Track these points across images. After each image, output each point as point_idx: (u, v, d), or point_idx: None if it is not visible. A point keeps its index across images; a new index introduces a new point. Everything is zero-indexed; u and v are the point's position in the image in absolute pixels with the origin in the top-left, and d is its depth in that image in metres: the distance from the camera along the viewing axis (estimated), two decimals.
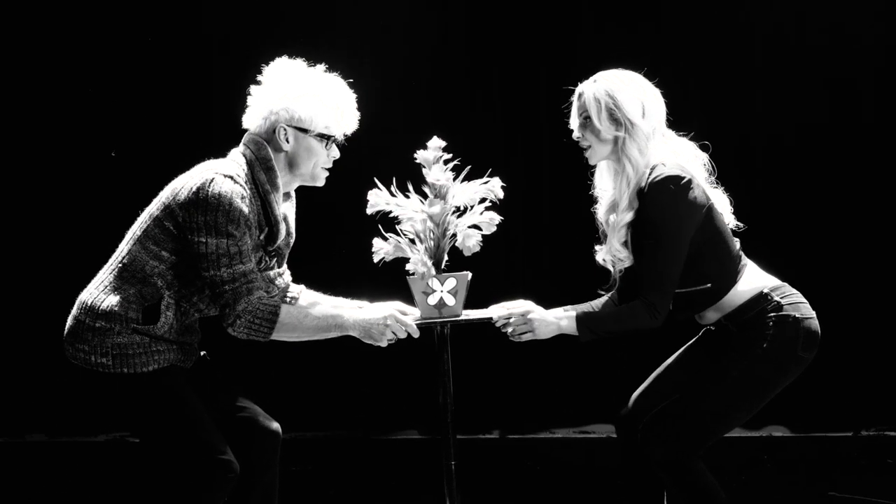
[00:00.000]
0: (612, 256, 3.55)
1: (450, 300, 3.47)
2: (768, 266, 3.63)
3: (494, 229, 3.52)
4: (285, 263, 3.57)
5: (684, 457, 3.45)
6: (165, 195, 3.34)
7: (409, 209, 3.50)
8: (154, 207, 3.35)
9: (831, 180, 5.43)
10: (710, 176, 3.57)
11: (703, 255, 3.46)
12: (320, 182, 3.49)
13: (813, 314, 3.50)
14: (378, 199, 3.52)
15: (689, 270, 3.45)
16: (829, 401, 5.46)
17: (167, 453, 3.30)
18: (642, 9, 5.49)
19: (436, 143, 3.51)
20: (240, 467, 3.32)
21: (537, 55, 5.56)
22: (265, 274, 3.44)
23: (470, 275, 3.50)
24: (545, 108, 5.49)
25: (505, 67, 5.60)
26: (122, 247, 3.36)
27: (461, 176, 3.51)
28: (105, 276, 3.35)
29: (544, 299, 3.64)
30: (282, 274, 3.54)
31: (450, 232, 3.50)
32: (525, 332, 3.50)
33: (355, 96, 3.46)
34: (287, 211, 3.51)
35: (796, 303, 3.48)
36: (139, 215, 3.39)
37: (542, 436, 5.63)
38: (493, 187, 3.52)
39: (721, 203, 3.58)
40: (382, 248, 3.52)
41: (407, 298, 3.54)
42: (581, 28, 5.53)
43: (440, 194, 3.49)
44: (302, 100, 3.38)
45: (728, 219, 3.59)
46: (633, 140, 3.48)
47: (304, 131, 3.40)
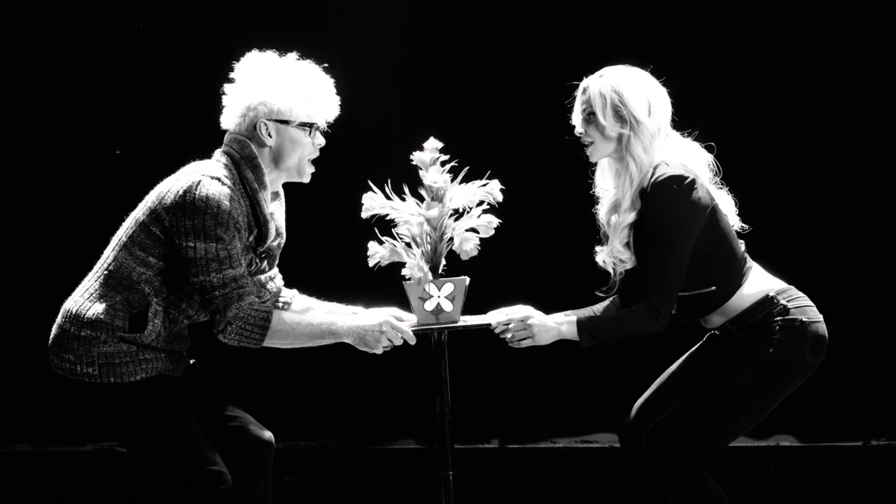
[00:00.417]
0: (614, 258, 3.55)
1: (447, 306, 3.47)
2: (774, 269, 3.63)
3: (493, 233, 3.52)
4: (276, 267, 3.57)
5: (690, 466, 3.44)
6: (151, 199, 3.33)
7: (406, 212, 3.50)
8: (140, 212, 3.34)
9: (838, 180, 5.43)
10: (715, 177, 3.57)
11: (708, 258, 3.46)
12: (306, 177, 3.48)
13: (820, 318, 3.49)
14: (373, 203, 3.51)
15: (693, 273, 3.45)
16: (839, 409, 5.45)
17: (156, 465, 3.29)
18: (644, 5, 5.49)
19: (432, 144, 3.50)
20: (232, 478, 3.31)
21: (538, 52, 5.56)
22: (256, 278, 3.44)
23: (468, 279, 3.50)
24: (546, 108, 5.49)
25: (504, 65, 5.60)
26: (108, 253, 3.36)
27: (459, 178, 3.50)
28: (90, 284, 3.34)
29: (544, 304, 3.64)
30: (273, 278, 3.53)
31: (447, 235, 3.49)
32: (525, 339, 3.49)
33: (332, 81, 3.45)
34: (276, 210, 3.50)
35: (803, 306, 3.48)
36: (125, 220, 3.38)
37: (543, 445, 5.62)
38: (492, 189, 3.51)
39: (726, 204, 3.57)
40: (378, 253, 3.52)
41: (403, 304, 3.53)
42: (584, 25, 5.52)
43: (437, 197, 3.48)
44: (278, 91, 3.37)
45: (733, 220, 3.59)
46: (638, 138, 3.47)
47: (286, 123, 3.39)
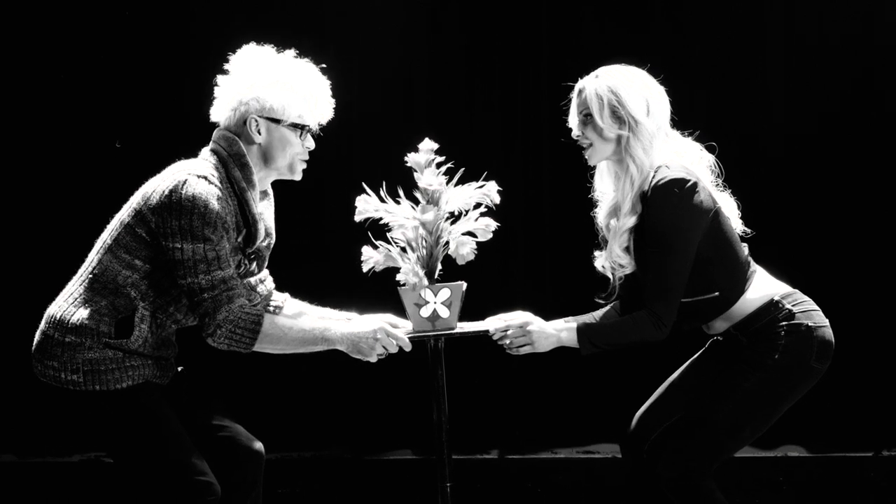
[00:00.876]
0: (613, 263, 3.55)
1: (444, 312, 3.47)
2: (779, 272, 3.63)
3: (490, 236, 3.52)
4: (266, 269, 3.56)
5: (694, 476, 3.45)
6: (136, 200, 3.33)
7: (400, 216, 3.50)
8: (125, 213, 3.34)
9: (844, 181, 5.42)
10: (717, 178, 3.58)
11: (711, 263, 3.46)
12: (297, 175, 3.48)
13: (826, 322, 3.50)
14: (367, 206, 3.51)
15: (696, 279, 3.45)
16: (848, 418, 5.45)
17: (143, 475, 3.28)
18: (645, 5, 5.49)
19: (428, 146, 3.51)
20: (221, 490, 3.30)
21: (538, 52, 5.56)
22: (246, 280, 3.43)
23: (465, 285, 3.50)
24: (546, 108, 5.48)
25: (504, 65, 5.59)
26: (92, 256, 3.36)
27: (455, 180, 3.50)
28: (74, 288, 3.34)
29: (544, 310, 3.63)
30: (263, 280, 3.53)
31: (443, 239, 3.49)
32: (523, 345, 3.50)
33: (329, 82, 3.45)
34: (265, 210, 3.49)
35: (809, 311, 3.49)
36: (109, 222, 3.38)
37: (544, 456, 5.62)
38: (489, 191, 3.52)
39: (728, 207, 3.57)
40: (372, 258, 3.52)
41: (398, 310, 3.53)
42: (584, 25, 5.52)
43: (433, 200, 3.48)
44: (273, 88, 3.37)
45: (736, 223, 3.59)
46: (637, 139, 3.48)
47: (277, 121, 3.39)
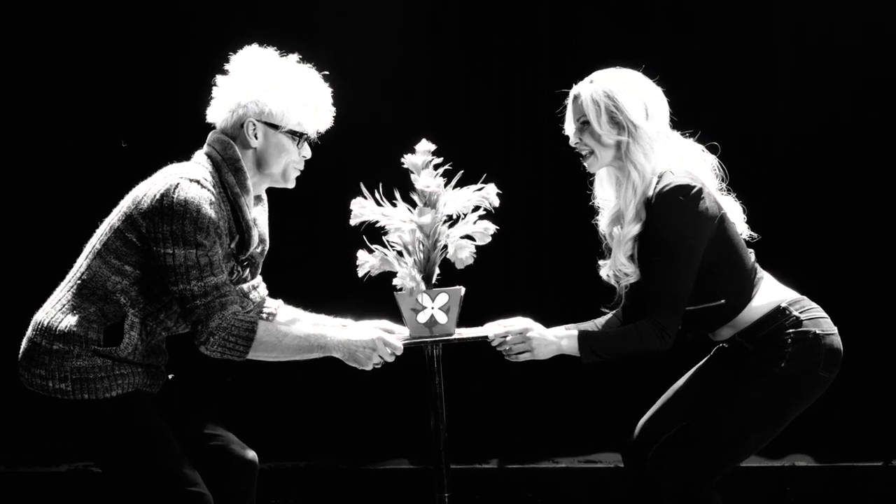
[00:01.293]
0: (618, 272, 3.55)
1: (441, 317, 3.47)
2: (786, 279, 3.63)
3: (489, 240, 3.52)
4: (259, 275, 3.57)
5: (698, 487, 3.45)
6: (127, 204, 3.33)
7: (397, 219, 3.50)
8: (115, 218, 3.34)
9: (853, 184, 5.41)
10: (721, 182, 3.58)
11: (716, 270, 3.46)
12: (291, 183, 3.48)
13: (835, 330, 3.50)
14: (363, 209, 3.51)
15: (701, 286, 3.45)
16: (857, 427, 5.44)
17: (133, 486, 3.29)
18: (646, 5, 5.49)
19: (425, 147, 3.51)
20: (213, 500, 3.31)
21: (538, 52, 5.56)
22: (238, 287, 3.44)
23: (463, 290, 3.50)
24: (546, 108, 5.47)
25: (504, 65, 5.59)
26: (81, 262, 3.36)
27: (453, 182, 3.51)
28: (62, 294, 3.34)
29: (545, 316, 3.64)
30: (256, 287, 3.53)
31: (441, 243, 3.50)
32: (523, 352, 3.50)
33: (331, 91, 3.46)
34: (258, 215, 3.50)
35: (817, 318, 3.49)
36: (98, 227, 3.38)
37: (544, 465, 5.62)
38: (488, 194, 3.52)
39: (734, 212, 3.58)
40: (368, 262, 3.52)
41: (394, 316, 3.53)
42: (584, 25, 5.52)
43: (430, 202, 3.49)
44: (273, 93, 3.37)
45: (741, 229, 3.60)
46: (638, 144, 3.48)
47: (275, 127, 3.39)
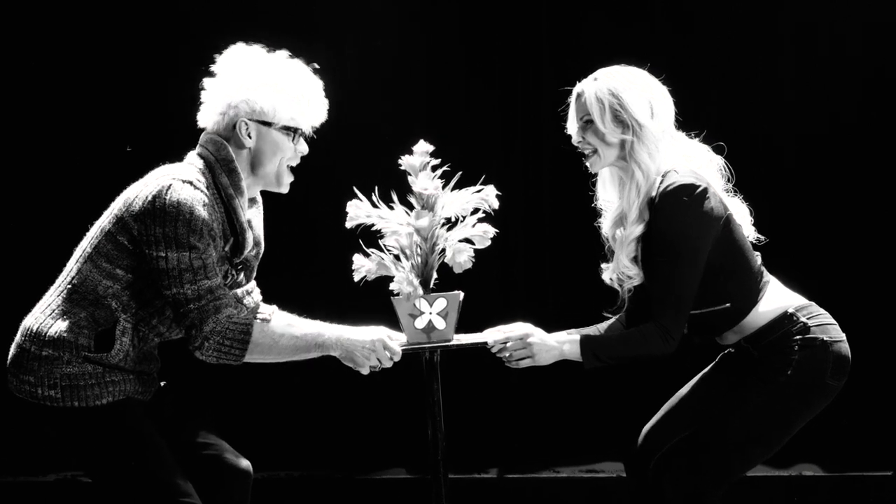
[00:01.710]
0: (620, 274, 3.55)
1: (440, 323, 3.47)
2: (793, 283, 3.63)
3: (489, 243, 3.52)
4: (254, 280, 3.57)
5: (702, 497, 3.45)
6: (118, 206, 3.33)
7: (394, 222, 3.51)
8: (105, 220, 3.34)
9: (863, 187, 5.42)
10: (727, 183, 3.58)
11: (721, 272, 3.46)
12: (284, 188, 3.48)
13: (843, 337, 3.50)
14: (359, 211, 3.52)
15: (706, 289, 3.46)
16: (866, 436, 5.45)
17: (124, 496, 3.28)
18: (646, 4, 5.50)
19: (422, 148, 3.51)
20: None
21: (538, 52, 5.56)
22: (233, 292, 3.44)
23: (462, 295, 3.50)
24: (546, 108, 5.48)
25: (504, 65, 5.60)
26: (71, 266, 3.36)
27: (451, 184, 3.51)
28: (52, 299, 3.34)
29: (546, 321, 3.64)
30: (251, 292, 3.53)
31: (439, 247, 3.50)
32: (524, 358, 3.50)
33: (327, 89, 3.46)
34: (253, 218, 3.50)
35: (824, 324, 3.49)
36: (89, 230, 3.38)
37: (545, 475, 5.62)
38: (487, 196, 3.52)
39: (740, 213, 3.58)
40: (364, 266, 3.52)
41: (392, 321, 3.53)
42: (584, 25, 5.53)
43: (427, 205, 3.49)
44: (263, 90, 3.37)
45: (748, 230, 3.60)
46: (642, 143, 3.48)
47: (268, 124, 3.39)
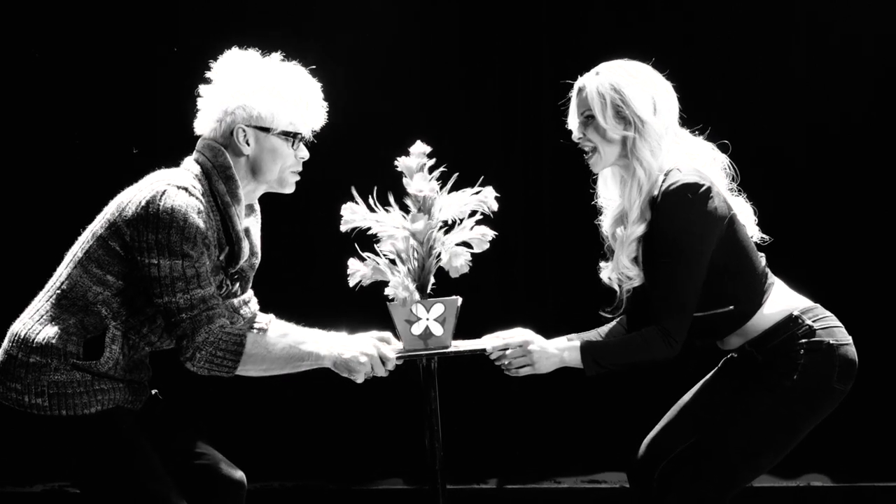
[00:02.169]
0: (620, 275, 3.55)
1: (437, 329, 3.47)
2: (798, 285, 3.64)
3: (487, 247, 3.53)
4: (251, 289, 3.57)
5: None
6: (110, 211, 3.33)
7: (390, 225, 3.51)
8: (97, 225, 3.34)
9: (870, 186, 5.41)
10: (732, 182, 3.59)
11: (725, 274, 3.47)
12: (289, 188, 3.49)
13: (849, 340, 3.51)
14: (354, 215, 3.52)
15: (709, 291, 3.46)
16: (876, 445, 5.45)
17: None
18: (647, 4, 5.50)
19: (419, 149, 3.51)
20: None
21: (538, 52, 5.57)
22: (228, 302, 3.44)
23: (460, 300, 3.50)
24: (546, 108, 5.49)
25: (504, 65, 5.60)
26: (61, 271, 3.36)
27: (448, 186, 3.51)
28: (41, 305, 3.34)
29: (545, 327, 3.64)
30: (247, 302, 3.54)
31: (436, 251, 3.50)
32: (524, 366, 3.50)
33: (324, 89, 3.46)
34: (251, 226, 3.50)
35: (830, 327, 3.50)
36: (81, 234, 3.38)
37: (546, 486, 5.62)
38: (486, 198, 3.52)
39: (744, 213, 3.59)
40: (359, 271, 3.52)
41: (388, 327, 3.53)
42: (584, 25, 5.53)
43: (424, 207, 3.49)
44: (259, 95, 3.37)
45: (752, 231, 3.60)
46: (644, 140, 3.48)
47: (266, 130, 3.40)
